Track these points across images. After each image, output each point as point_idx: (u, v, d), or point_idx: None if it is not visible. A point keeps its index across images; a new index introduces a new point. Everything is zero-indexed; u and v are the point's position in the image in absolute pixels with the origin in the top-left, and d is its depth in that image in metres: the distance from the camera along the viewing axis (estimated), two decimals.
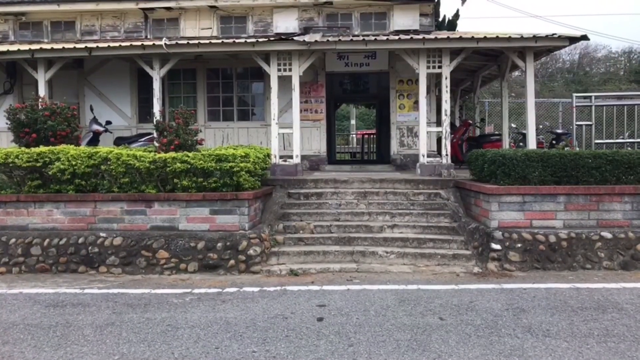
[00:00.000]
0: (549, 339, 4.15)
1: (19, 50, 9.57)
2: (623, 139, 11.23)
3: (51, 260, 6.86)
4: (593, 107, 10.48)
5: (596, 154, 7.03)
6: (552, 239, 6.62)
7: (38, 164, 7.13)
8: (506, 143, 11.04)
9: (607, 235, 6.65)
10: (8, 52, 9.53)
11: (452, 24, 16.79)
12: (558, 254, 6.58)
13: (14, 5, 11.49)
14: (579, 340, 4.12)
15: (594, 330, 4.34)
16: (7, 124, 8.23)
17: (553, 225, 6.87)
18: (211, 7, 11.31)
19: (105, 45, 9.61)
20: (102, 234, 6.95)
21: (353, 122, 28.74)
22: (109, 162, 7.07)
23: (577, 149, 9.34)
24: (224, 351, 4.00)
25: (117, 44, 9.55)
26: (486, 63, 11.94)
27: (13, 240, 6.97)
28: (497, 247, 6.63)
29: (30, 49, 9.57)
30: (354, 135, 27.13)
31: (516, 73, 15.82)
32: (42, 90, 9.62)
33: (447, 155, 9.18)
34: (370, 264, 6.78)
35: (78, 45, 9.80)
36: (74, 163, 7.07)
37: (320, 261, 6.85)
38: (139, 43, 9.44)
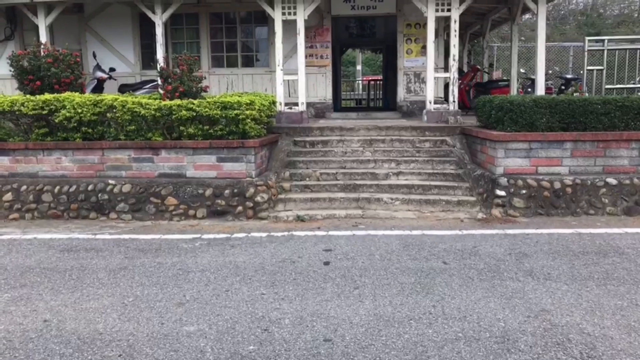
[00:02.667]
0: (550, 282, 4.26)
1: None
2: (634, 84, 11.03)
3: (62, 207, 7.00)
4: (605, 51, 10.22)
5: (606, 99, 6.94)
6: (557, 185, 6.66)
7: (44, 112, 7.14)
8: (514, 89, 10.87)
9: (612, 181, 6.67)
10: None
11: None
12: (562, 200, 6.63)
13: None
14: (579, 283, 4.23)
15: (594, 274, 4.44)
16: (10, 70, 8.18)
17: (558, 172, 6.89)
18: None
19: None
20: (110, 181, 7.05)
21: (359, 67, 28.25)
22: (114, 110, 7.06)
23: (587, 94, 9.19)
24: (234, 294, 4.14)
25: None
26: (496, 5, 11.55)
27: (24, 187, 7.09)
28: (502, 193, 6.68)
29: None
30: (360, 82, 26.72)
31: (527, 16, 15.32)
32: (43, 36, 9.47)
33: (454, 101, 9.08)
34: (375, 210, 6.87)
35: None
36: (79, 111, 7.06)
37: (326, 207, 6.94)
38: None
